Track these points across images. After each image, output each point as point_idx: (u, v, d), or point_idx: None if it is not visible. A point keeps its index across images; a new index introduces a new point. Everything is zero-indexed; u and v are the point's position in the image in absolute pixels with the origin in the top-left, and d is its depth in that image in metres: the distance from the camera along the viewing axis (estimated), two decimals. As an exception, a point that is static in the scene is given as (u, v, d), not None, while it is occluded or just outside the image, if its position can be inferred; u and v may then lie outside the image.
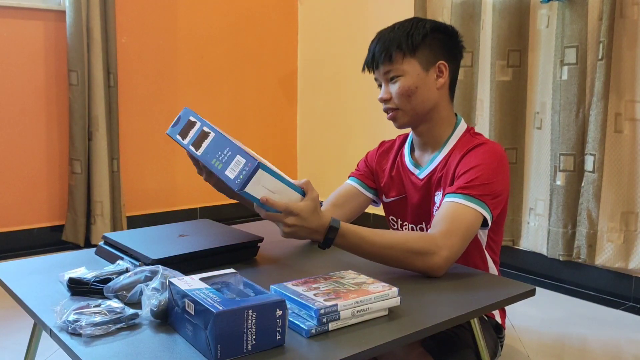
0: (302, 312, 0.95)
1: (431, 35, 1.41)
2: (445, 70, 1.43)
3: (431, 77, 1.42)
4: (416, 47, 1.40)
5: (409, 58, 1.40)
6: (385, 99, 1.43)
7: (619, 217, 2.35)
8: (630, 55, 2.28)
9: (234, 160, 1.09)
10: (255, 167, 1.07)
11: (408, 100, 1.41)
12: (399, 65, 1.40)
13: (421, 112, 1.43)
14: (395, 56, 1.40)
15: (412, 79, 1.40)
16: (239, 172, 1.08)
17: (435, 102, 1.43)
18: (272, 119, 3.75)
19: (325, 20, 3.64)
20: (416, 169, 1.49)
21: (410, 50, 1.39)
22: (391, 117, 1.45)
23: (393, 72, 1.41)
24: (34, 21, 2.87)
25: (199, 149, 1.16)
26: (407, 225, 1.53)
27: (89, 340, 0.91)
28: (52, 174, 2.99)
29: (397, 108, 1.43)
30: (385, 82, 1.44)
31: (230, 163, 1.10)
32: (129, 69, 3.14)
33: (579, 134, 2.40)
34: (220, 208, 3.54)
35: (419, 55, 1.40)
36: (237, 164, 1.09)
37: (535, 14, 2.56)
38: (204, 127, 1.18)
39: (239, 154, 1.10)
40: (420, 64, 1.40)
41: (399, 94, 1.41)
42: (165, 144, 3.33)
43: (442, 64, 1.42)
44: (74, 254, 1.38)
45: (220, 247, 1.27)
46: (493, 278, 1.26)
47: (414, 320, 1.00)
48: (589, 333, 2.09)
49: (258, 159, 1.10)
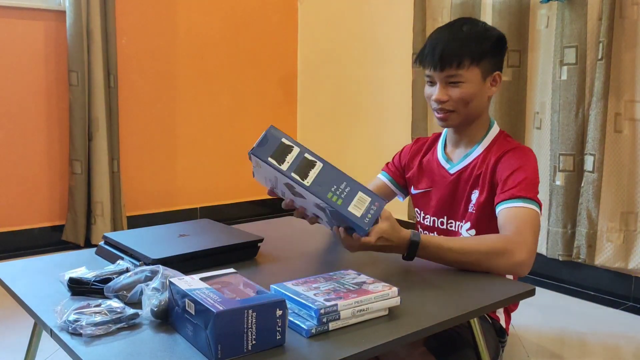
0: (302, 312, 0.95)
1: (495, 46, 1.45)
2: (499, 80, 1.47)
3: (487, 86, 1.45)
4: (483, 56, 1.42)
5: (474, 66, 1.41)
6: (442, 101, 1.43)
7: (618, 217, 2.35)
8: (630, 55, 2.28)
9: (357, 197, 1.09)
10: (382, 205, 1.08)
11: (465, 106, 1.43)
12: (464, 72, 1.41)
13: (472, 117, 1.46)
14: (463, 62, 1.40)
15: (473, 87, 1.42)
16: (366, 211, 1.08)
17: (484, 107, 1.48)
18: (272, 119, 3.75)
19: (325, 20, 3.64)
20: (447, 163, 1.52)
21: (477, 59, 1.41)
22: (443, 117, 1.46)
23: (456, 78, 1.41)
24: (34, 21, 2.87)
25: (306, 179, 1.09)
26: (429, 218, 1.56)
27: (90, 340, 0.91)
28: (53, 174, 2.99)
29: (452, 110, 1.44)
30: (443, 83, 1.43)
31: (352, 199, 1.08)
32: (129, 70, 3.14)
33: (578, 134, 2.41)
34: (220, 208, 3.55)
35: (482, 65, 1.42)
36: (362, 201, 1.08)
37: (534, 14, 2.56)
38: (305, 154, 1.10)
39: (360, 190, 1.09)
40: (481, 73, 1.43)
41: (459, 100, 1.42)
42: (166, 144, 3.34)
43: (497, 74, 1.46)
44: (74, 254, 1.38)
45: (220, 247, 1.28)
46: (493, 278, 1.26)
47: (414, 320, 1.00)
48: (589, 333, 2.09)
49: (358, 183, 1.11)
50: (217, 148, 3.53)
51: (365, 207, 1.08)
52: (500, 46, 1.47)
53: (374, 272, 1.20)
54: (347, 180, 1.09)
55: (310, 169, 1.09)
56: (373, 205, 1.08)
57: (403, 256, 1.25)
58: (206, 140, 3.48)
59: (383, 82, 3.26)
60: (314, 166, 1.09)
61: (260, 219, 2.85)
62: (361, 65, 3.39)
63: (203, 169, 3.49)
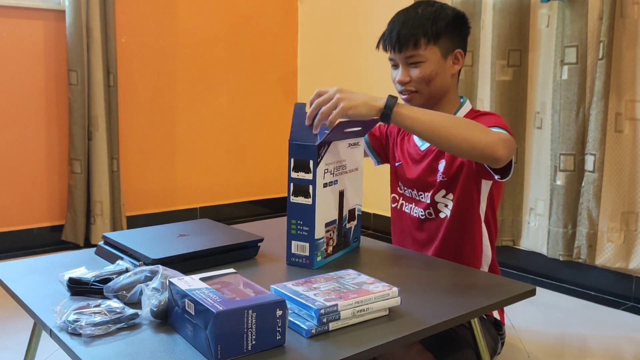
0: (302, 312, 0.95)
1: (453, 24, 1.47)
2: (461, 58, 1.50)
3: (448, 64, 1.48)
4: (439, 35, 1.45)
5: (431, 45, 1.44)
6: (404, 82, 1.47)
7: (619, 217, 2.34)
8: (631, 55, 2.28)
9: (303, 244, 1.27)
10: (309, 267, 1.25)
11: (427, 85, 1.46)
12: (423, 51, 1.44)
13: (436, 96, 1.49)
14: (421, 43, 1.44)
15: (432, 65, 1.45)
16: (298, 257, 1.27)
17: (449, 85, 1.50)
18: (272, 119, 3.75)
19: (325, 20, 3.64)
20: (420, 141, 1.56)
21: (434, 37, 1.44)
22: (407, 98, 1.50)
23: (415, 58, 1.45)
24: (33, 21, 2.87)
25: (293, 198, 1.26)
26: (407, 190, 1.59)
27: (89, 340, 0.91)
28: (52, 173, 2.99)
29: (415, 91, 1.48)
30: (404, 64, 1.47)
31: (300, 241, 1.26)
32: (129, 69, 3.14)
33: (579, 134, 2.40)
34: (220, 208, 3.54)
35: (441, 43, 1.45)
36: (302, 249, 1.27)
37: (535, 14, 2.56)
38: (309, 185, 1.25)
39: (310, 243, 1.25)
40: (441, 52, 1.46)
41: (420, 79, 1.46)
42: (165, 143, 3.33)
43: (459, 52, 1.49)
44: (74, 254, 1.38)
45: (220, 247, 1.27)
46: (493, 278, 1.26)
47: (414, 320, 1.00)
48: (589, 333, 2.09)
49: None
50: (217, 148, 3.53)
51: (299, 254, 1.27)
52: (459, 24, 1.49)
53: (374, 272, 1.20)
54: (310, 227, 1.25)
55: (302, 195, 1.26)
56: (304, 260, 1.26)
57: (381, 115, 1.23)
58: (206, 139, 3.48)
59: (383, 81, 3.26)
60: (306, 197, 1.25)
61: (260, 219, 2.85)
62: (361, 65, 3.39)
63: (203, 169, 3.49)
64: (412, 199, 1.57)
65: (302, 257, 1.25)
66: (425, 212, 1.53)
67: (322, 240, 1.26)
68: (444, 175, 1.49)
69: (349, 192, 1.35)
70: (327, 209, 1.27)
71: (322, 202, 1.25)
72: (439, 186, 1.50)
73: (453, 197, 1.48)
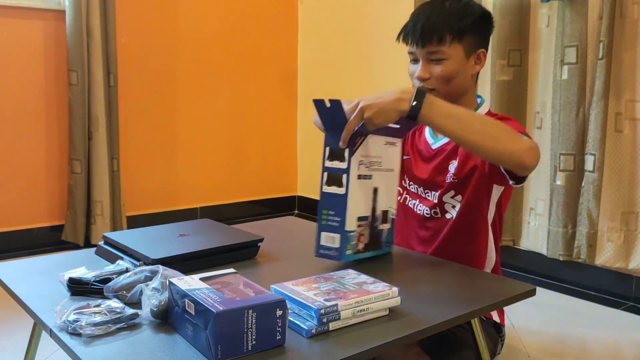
0: (302, 312, 0.95)
1: (479, 22, 1.42)
2: (483, 58, 1.45)
3: (470, 64, 1.43)
4: (465, 32, 1.39)
5: (456, 43, 1.39)
6: (424, 78, 1.42)
7: (619, 216, 2.34)
8: (631, 55, 2.28)
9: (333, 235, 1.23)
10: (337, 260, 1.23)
11: (446, 84, 1.41)
12: (446, 48, 1.39)
13: (454, 95, 1.43)
14: (445, 39, 1.38)
15: (455, 64, 1.40)
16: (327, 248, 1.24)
17: (469, 85, 1.46)
18: (272, 119, 3.75)
19: (325, 20, 3.64)
20: (432, 139, 1.53)
21: (459, 35, 1.39)
22: None
23: (438, 55, 1.39)
24: (33, 21, 2.87)
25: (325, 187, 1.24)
26: (413, 185, 1.56)
27: (89, 340, 0.91)
28: (52, 173, 2.99)
29: (432, 89, 1.42)
30: (425, 60, 1.42)
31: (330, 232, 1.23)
32: (129, 69, 3.14)
33: (579, 134, 2.40)
34: (220, 208, 3.55)
35: (465, 41, 1.40)
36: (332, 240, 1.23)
37: (535, 14, 2.56)
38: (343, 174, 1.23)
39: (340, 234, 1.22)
40: (464, 50, 1.41)
41: (440, 77, 1.40)
42: (166, 143, 3.33)
43: (482, 52, 1.45)
44: (74, 254, 1.38)
45: (220, 247, 1.27)
46: (493, 278, 1.26)
47: (414, 320, 1.00)
48: (589, 333, 2.09)
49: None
50: (217, 147, 3.53)
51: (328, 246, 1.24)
52: (485, 23, 1.44)
53: (374, 272, 1.20)
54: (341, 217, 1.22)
55: (335, 185, 1.24)
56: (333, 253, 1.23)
57: (408, 113, 1.18)
58: (206, 139, 3.48)
59: (383, 81, 3.26)
60: (340, 186, 1.23)
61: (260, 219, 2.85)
62: (361, 65, 3.39)
63: (203, 169, 3.49)
64: (418, 195, 1.54)
65: (332, 249, 1.21)
66: (431, 211, 1.51)
67: (353, 233, 1.22)
68: (455, 176, 1.45)
69: (382, 191, 1.31)
70: (360, 203, 1.24)
71: (355, 194, 1.22)
72: (448, 187, 1.47)
73: (462, 199, 1.45)
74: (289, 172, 3.87)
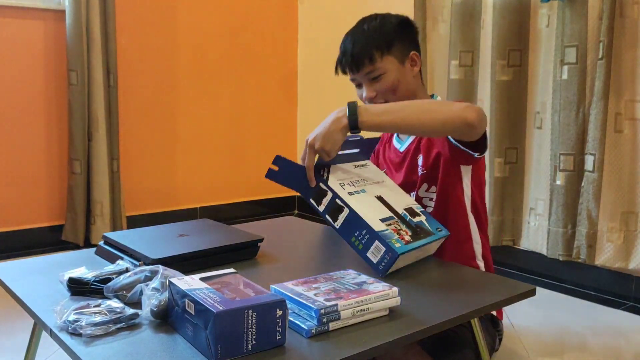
0: (302, 312, 0.95)
1: (400, 30, 1.50)
2: (417, 59, 1.52)
3: (407, 68, 1.51)
4: (391, 43, 1.47)
5: (386, 55, 1.47)
6: (372, 98, 1.50)
7: (619, 217, 2.34)
8: (631, 55, 2.28)
9: (374, 245, 1.18)
10: (394, 256, 1.15)
11: (393, 93, 1.49)
12: (380, 64, 1.47)
13: (406, 100, 1.48)
14: (375, 57, 1.46)
15: (393, 74, 1.48)
16: (381, 259, 1.17)
17: (414, 88, 1.52)
18: (272, 119, 3.75)
19: (325, 20, 3.64)
20: (398, 143, 1.60)
21: (386, 47, 1.47)
22: None
23: (375, 72, 1.48)
24: (33, 21, 2.87)
25: (336, 222, 1.24)
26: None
27: (89, 340, 0.91)
28: (52, 173, 2.99)
29: (384, 102, 1.49)
30: (366, 81, 1.50)
31: (370, 246, 1.19)
32: (129, 69, 3.14)
33: (579, 134, 2.40)
34: (220, 208, 3.55)
35: (394, 51, 1.48)
36: (378, 249, 1.18)
37: (535, 14, 2.56)
38: (336, 199, 1.24)
39: (377, 239, 1.18)
40: (396, 59, 1.48)
41: (385, 91, 1.48)
42: (166, 143, 3.33)
43: (414, 54, 1.51)
44: (74, 254, 1.38)
45: (220, 247, 1.27)
46: (493, 278, 1.26)
47: (414, 320, 1.00)
48: (589, 333, 2.09)
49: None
50: (217, 148, 3.53)
51: (381, 256, 1.17)
52: (406, 28, 1.52)
53: (373, 272, 1.20)
54: (366, 228, 1.19)
55: (339, 213, 1.23)
56: (387, 255, 1.16)
57: (350, 127, 1.24)
58: (206, 139, 3.48)
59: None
60: (342, 211, 1.23)
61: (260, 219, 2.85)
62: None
63: (203, 169, 3.49)
64: None
65: (384, 255, 1.17)
66: None
67: (386, 231, 1.20)
68: (424, 168, 1.51)
69: (388, 196, 1.32)
70: (371, 210, 1.24)
71: (359, 206, 1.23)
72: (420, 180, 1.51)
73: (436, 189, 1.50)
74: (288, 172, 3.87)
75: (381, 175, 1.40)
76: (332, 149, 1.23)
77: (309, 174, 1.25)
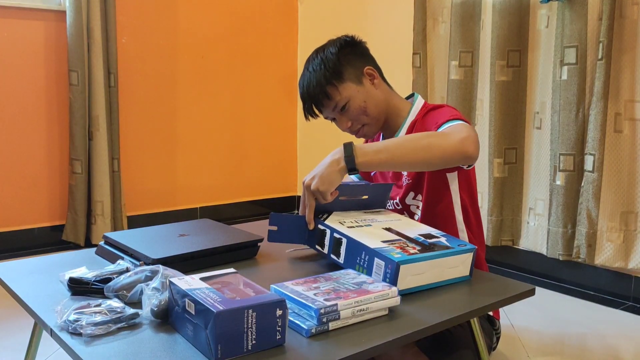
0: (302, 311, 0.96)
1: (344, 54, 1.50)
2: (373, 71, 1.52)
3: (367, 86, 1.50)
4: (339, 71, 1.47)
5: (340, 83, 1.47)
6: (349, 127, 1.51)
7: (618, 216, 2.35)
8: (630, 55, 2.28)
9: (375, 264, 1.14)
10: (395, 266, 1.10)
11: (366, 114, 1.49)
12: (338, 95, 1.47)
13: (381, 115, 1.52)
14: (331, 92, 1.47)
15: (357, 98, 1.48)
16: (384, 275, 1.12)
17: (384, 99, 1.52)
18: (272, 119, 3.75)
19: (325, 20, 3.64)
20: None
21: (337, 77, 1.47)
22: (362, 135, 1.54)
23: (339, 104, 1.48)
24: (34, 21, 2.87)
25: (340, 257, 1.22)
26: (390, 201, 1.60)
27: (90, 339, 0.91)
28: (53, 173, 2.99)
29: (362, 125, 1.51)
30: (337, 114, 1.51)
31: (372, 266, 1.15)
32: (129, 69, 3.14)
33: (578, 134, 2.41)
34: (220, 208, 3.55)
35: (346, 76, 1.48)
36: (379, 266, 1.13)
37: (535, 14, 2.56)
38: (334, 234, 1.23)
39: (376, 256, 1.14)
40: (353, 82, 1.48)
41: (357, 116, 1.49)
42: (166, 143, 3.34)
43: (367, 69, 1.51)
44: (75, 254, 1.38)
45: (220, 247, 1.28)
46: (493, 278, 1.26)
47: (414, 320, 1.00)
48: (589, 333, 2.09)
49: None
50: (217, 148, 3.53)
51: (383, 272, 1.14)
52: (350, 49, 1.52)
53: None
54: (365, 249, 1.16)
55: (340, 247, 1.21)
56: (387, 268, 1.13)
57: (347, 168, 1.23)
58: (206, 139, 3.48)
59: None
60: (342, 243, 1.21)
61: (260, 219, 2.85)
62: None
63: (203, 169, 3.49)
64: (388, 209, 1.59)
65: (385, 270, 1.11)
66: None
67: (386, 247, 1.14)
68: (409, 177, 1.51)
69: (399, 226, 1.28)
70: (374, 236, 1.20)
71: (360, 234, 1.20)
72: (406, 189, 1.52)
73: (422, 197, 1.50)
74: (289, 172, 3.87)
75: (396, 216, 1.36)
76: (327, 190, 1.22)
77: (309, 215, 1.25)
